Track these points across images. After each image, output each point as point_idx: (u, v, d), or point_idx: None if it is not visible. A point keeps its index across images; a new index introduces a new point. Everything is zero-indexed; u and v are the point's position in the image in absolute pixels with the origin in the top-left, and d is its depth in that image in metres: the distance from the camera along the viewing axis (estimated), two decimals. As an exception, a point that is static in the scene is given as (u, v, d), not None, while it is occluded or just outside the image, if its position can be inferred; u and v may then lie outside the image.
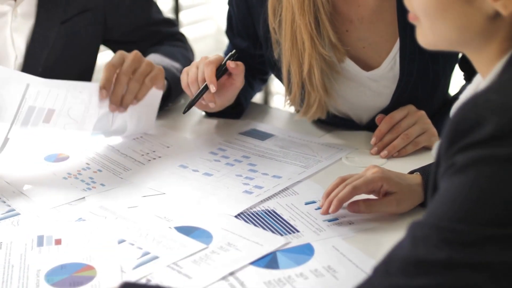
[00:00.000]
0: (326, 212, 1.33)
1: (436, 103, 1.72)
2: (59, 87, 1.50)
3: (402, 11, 1.51)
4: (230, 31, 1.80)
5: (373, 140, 1.61)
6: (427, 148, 1.60)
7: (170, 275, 1.17)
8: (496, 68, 0.94)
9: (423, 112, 1.61)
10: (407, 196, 1.34)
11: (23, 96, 1.46)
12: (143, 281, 1.17)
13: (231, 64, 1.58)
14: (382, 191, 1.34)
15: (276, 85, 3.45)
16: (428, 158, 1.55)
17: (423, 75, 1.62)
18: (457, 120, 0.86)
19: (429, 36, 0.99)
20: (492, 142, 0.82)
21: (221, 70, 1.58)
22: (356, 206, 1.33)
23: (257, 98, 3.43)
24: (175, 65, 1.83)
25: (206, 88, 1.57)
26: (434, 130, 1.61)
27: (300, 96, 1.63)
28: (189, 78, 1.60)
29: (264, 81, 1.92)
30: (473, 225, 0.82)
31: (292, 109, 1.81)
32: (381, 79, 1.63)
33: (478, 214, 0.82)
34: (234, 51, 1.62)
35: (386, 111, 1.65)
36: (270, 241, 1.26)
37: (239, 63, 1.60)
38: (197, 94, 1.57)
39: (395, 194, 1.33)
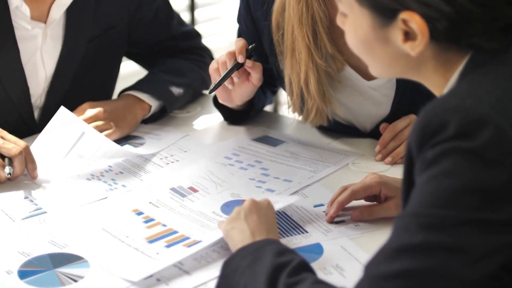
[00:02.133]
0: (331, 219, 1.42)
1: None
2: (110, 147, 1.64)
3: None
4: None
5: (377, 147, 1.69)
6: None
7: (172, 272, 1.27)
8: (448, 85, 1.04)
9: None
10: None
11: (76, 142, 1.62)
12: (154, 279, 1.25)
13: (248, 64, 1.66)
14: (382, 196, 1.42)
15: (284, 96, 3.54)
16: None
17: (419, 85, 1.70)
18: (422, 125, 0.95)
19: (373, 71, 1.12)
20: (456, 138, 0.92)
21: (248, 52, 1.66)
22: (358, 214, 1.41)
23: (268, 107, 3.52)
24: (177, 80, 1.91)
25: (234, 67, 1.64)
26: None
27: (299, 104, 1.72)
28: (219, 61, 1.68)
29: (275, 92, 2.00)
30: (446, 210, 0.91)
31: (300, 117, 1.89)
32: (381, 88, 1.70)
33: (450, 199, 0.91)
34: (254, 44, 1.69)
35: (388, 119, 1.73)
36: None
37: (257, 63, 1.68)
38: (226, 72, 1.64)
39: (393, 199, 1.41)
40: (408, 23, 1.00)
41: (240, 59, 1.64)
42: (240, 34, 1.86)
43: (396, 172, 1.51)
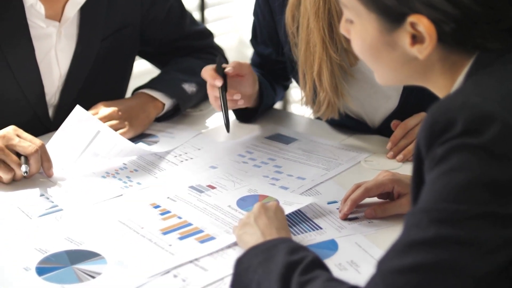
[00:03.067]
0: (345, 217, 1.44)
1: None
2: (125, 145, 1.66)
3: None
4: (254, 39, 1.91)
5: (389, 145, 1.71)
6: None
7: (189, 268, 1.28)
8: (454, 87, 1.06)
9: None
10: None
11: (91, 141, 1.64)
12: (171, 275, 1.26)
13: (229, 71, 1.69)
14: (395, 193, 1.44)
15: (294, 94, 3.56)
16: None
17: None
18: (430, 124, 0.97)
19: (379, 78, 1.14)
20: (464, 135, 0.93)
21: (220, 70, 1.69)
22: (372, 212, 1.43)
23: (278, 105, 3.54)
24: (190, 78, 1.92)
25: (223, 92, 1.68)
26: None
27: (312, 96, 1.73)
28: (210, 100, 1.74)
29: (286, 87, 2.02)
30: (456, 204, 0.92)
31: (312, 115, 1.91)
32: None
33: (460, 194, 0.92)
34: (217, 56, 1.75)
35: (395, 113, 1.75)
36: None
37: (235, 65, 1.70)
38: (223, 104, 1.69)
39: (406, 196, 1.42)
40: (416, 26, 1.02)
41: (218, 82, 1.67)
42: (255, 27, 1.88)
43: (408, 170, 1.50)
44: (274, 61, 1.87)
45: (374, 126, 1.81)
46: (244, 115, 1.88)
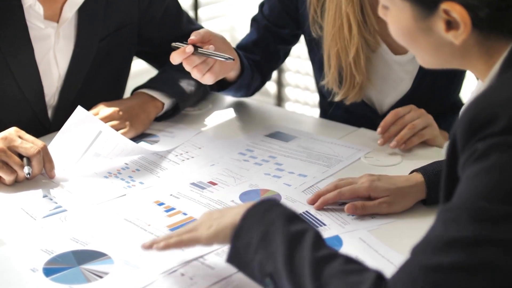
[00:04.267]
0: (312, 203, 1.47)
1: (448, 101, 1.84)
2: (127, 145, 1.66)
3: None
4: (262, 14, 1.91)
5: (378, 130, 1.72)
6: (427, 146, 1.73)
7: (195, 266, 1.29)
8: (492, 72, 1.06)
9: (423, 110, 1.72)
10: (399, 199, 1.45)
11: (93, 141, 1.64)
12: (178, 274, 1.27)
13: (191, 39, 1.61)
14: (372, 198, 1.45)
15: (288, 92, 3.58)
16: (439, 157, 1.67)
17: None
18: (471, 117, 0.96)
19: (420, 61, 1.15)
20: (507, 132, 0.93)
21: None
22: (353, 208, 1.44)
23: (272, 103, 3.56)
24: (188, 78, 1.90)
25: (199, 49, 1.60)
26: (435, 125, 1.73)
27: (337, 78, 1.74)
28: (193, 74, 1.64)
29: (263, 81, 1.97)
30: (496, 203, 0.92)
31: (311, 112, 1.92)
32: (406, 64, 1.75)
33: (501, 192, 0.92)
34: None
35: (405, 99, 1.78)
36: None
37: (195, 33, 1.62)
38: (206, 53, 1.60)
39: (385, 198, 1.44)
40: (450, 13, 1.02)
41: (189, 48, 1.59)
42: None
43: (408, 167, 1.54)
44: (273, 40, 1.88)
45: (382, 111, 1.82)
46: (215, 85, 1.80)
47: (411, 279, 0.94)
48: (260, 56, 1.91)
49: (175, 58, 1.61)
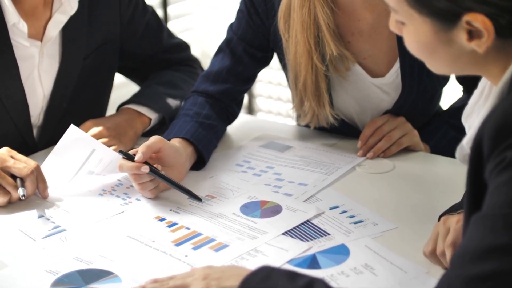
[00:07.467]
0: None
1: (430, 113, 1.86)
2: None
3: None
4: (237, 37, 1.82)
5: (359, 143, 1.74)
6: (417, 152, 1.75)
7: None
8: (506, 75, 1.06)
9: (402, 118, 1.74)
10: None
11: (87, 159, 1.62)
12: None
13: (138, 158, 1.52)
14: None
15: (259, 103, 3.59)
16: (430, 162, 1.70)
17: (423, 89, 1.75)
18: (499, 125, 0.96)
19: (433, 69, 1.14)
20: None
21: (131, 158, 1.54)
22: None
23: (264, 116, 3.56)
24: (172, 92, 1.92)
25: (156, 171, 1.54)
26: (415, 132, 1.75)
27: (300, 104, 1.75)
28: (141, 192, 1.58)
29: (230, 120, 1.89)
30: None
31: (284, 123, 1.92)
32: (383, 86, 1.75)
33: None
34: (119, 151, 1.58)
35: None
36: (294, 247, 1.37)
37: (143, 149, 1.54)
38: (167, 181, 1.55)
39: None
40: (472, 23, 1.02)
41: (145, 169, 1.51)
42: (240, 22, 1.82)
43: (400, 173, 1.55)
44: (250, 62, 1.83)
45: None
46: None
47: None
48: (234, 84, 1.83)
49: (125, 169, 1.53)
